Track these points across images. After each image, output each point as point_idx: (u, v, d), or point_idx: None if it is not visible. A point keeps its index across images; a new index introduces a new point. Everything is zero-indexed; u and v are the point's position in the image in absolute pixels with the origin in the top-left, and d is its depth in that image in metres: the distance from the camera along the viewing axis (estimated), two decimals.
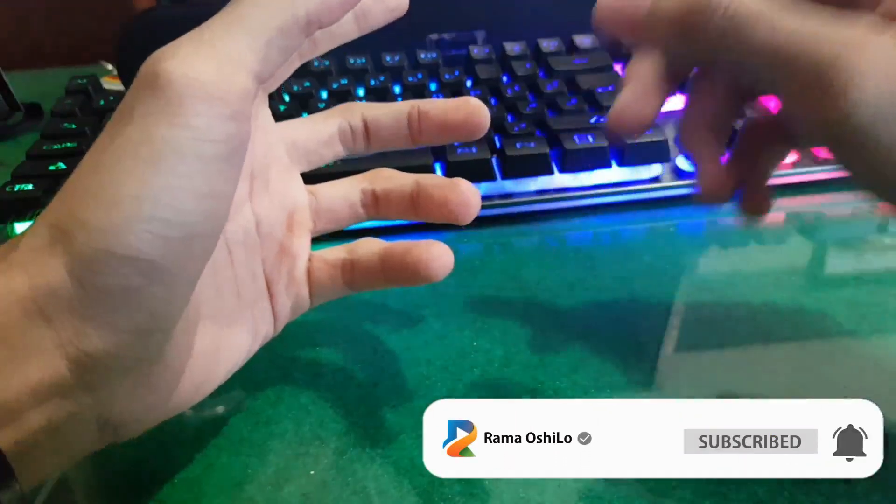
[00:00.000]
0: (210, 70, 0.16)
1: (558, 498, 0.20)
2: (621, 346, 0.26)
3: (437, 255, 0.21)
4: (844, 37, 0.16)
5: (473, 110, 0.23)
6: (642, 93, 0.21)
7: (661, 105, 0.22)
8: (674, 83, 0.22)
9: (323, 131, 0.24)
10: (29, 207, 0.32)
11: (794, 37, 0.17)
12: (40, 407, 0.15)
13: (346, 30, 0.23)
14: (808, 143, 0.18)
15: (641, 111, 0.21)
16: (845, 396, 0.21)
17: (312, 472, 0.21)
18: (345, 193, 0.24)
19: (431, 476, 0.21)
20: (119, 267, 0.15)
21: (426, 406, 0.23)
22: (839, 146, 0.17)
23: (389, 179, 0.24)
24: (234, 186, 0.17)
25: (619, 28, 0.21)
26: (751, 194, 0.23)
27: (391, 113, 0.24)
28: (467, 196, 0.22)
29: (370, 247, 0.23)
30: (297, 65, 0.22)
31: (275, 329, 0.23)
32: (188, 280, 0.17)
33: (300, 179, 0.24)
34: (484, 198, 0.34)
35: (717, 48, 0.19)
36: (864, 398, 0.18)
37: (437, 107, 0.23)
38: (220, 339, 0.21)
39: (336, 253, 0.24)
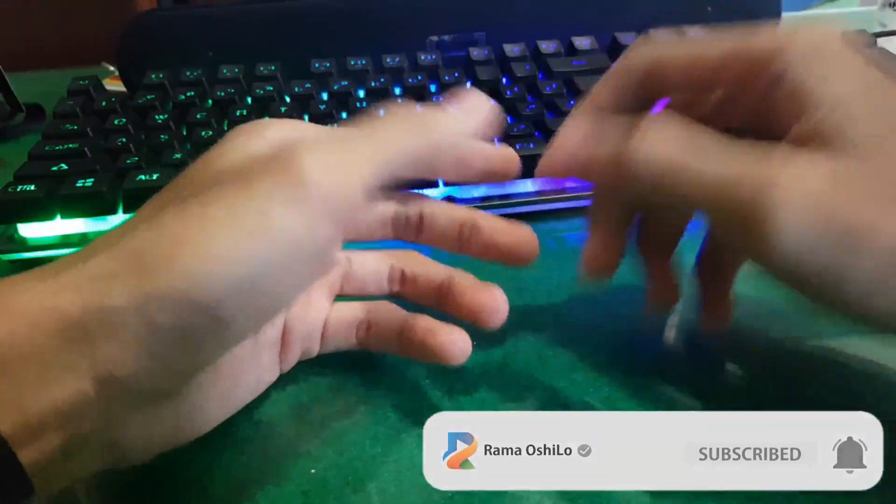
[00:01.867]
0: (343, 183, 0.17)
1: (559, 498, 0.20)
2: (620, 346, 0.26)
3: (461, 348, 0.22)
4: (761, 172, 0.17)
5: (522, 239, 0.23)
6: (605, 240, 0.23)
7: (625, 246, 0.23)
8: (630, 218, 0.23)
9: (381, 211, 0.24)
10: (31, 208, 0.32)
11: (715, 179, 0.18)
12: (60, 427, 0.15)
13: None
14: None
15: (609, 258, 0.23)
16: (844, 396, 0.21)
17: (313, 471, 0.21)
18: (376, 266, 0.25)
19: None
20: (190, 313, 0.15)
21: (426, 405, 0.24)
22: (776, 274, 0.18)
23: (421, 265, 0.24)
24: (316, 280, 0.18)
25: (571, 172, 0.22)
26: (713, 304, 0.24)
27: (448, 214, 0.24)
28: (499, 304, 0.22)
29: (390, 314, 0.24)
30: None
31: (276, 376, 0.24)
32: (240, 338, 0.18)
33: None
34: (484, 198, 0.34)
35: (649, 196, 0.20)
36: (862, 397, 0.18)
37: (489, 225, 0.23)
38: (230, 381, 0.21)
39: (353, 311, 0.24)
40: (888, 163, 0.17)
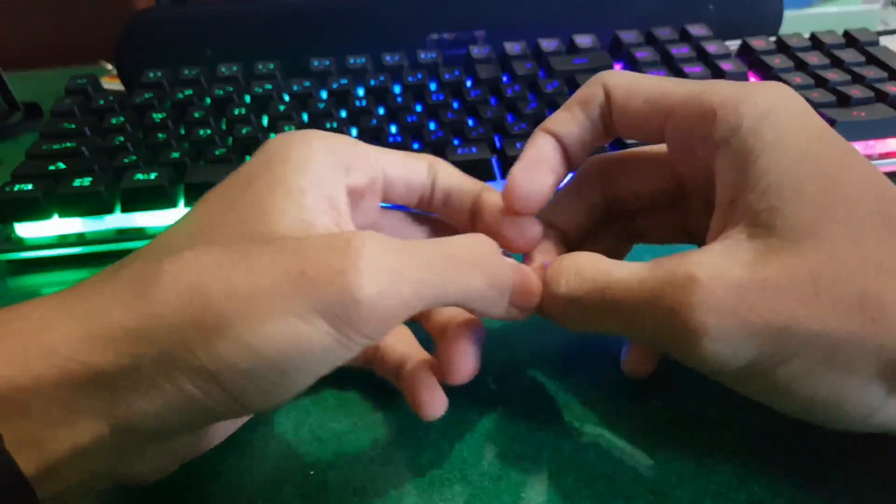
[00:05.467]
0: (394, 307, 0.16)
1: (559, 498, 0.20)
2: (621, 342, 0.25)
3: (434, 409, 0.21)
4: (681, 272, 0.17)
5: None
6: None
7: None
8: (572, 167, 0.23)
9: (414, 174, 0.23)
10: (28, 207, 0.32)
11: (635, 289, 0.18)
12: (76, 465, 0.16)
13: None
14: None
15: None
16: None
17: (312, 473, 0.21)
18: None
19: (431, 476, 0.21)
20: (214, 391, 0.15)
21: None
22: (702, 371, 0.18)
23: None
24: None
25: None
26: (636, 350, 0.23)
27: (462, 188, 0.24)
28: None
29: (398, 343, 0.23)
30: None
31: None
32: (256, 412, 0.18)
33: None
34: None
35: (584, 324, 0.20)
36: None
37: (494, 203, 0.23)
38: None
39: None
40: (814, 253, 0.17)
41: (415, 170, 0.23)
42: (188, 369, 0.15)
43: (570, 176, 0.25)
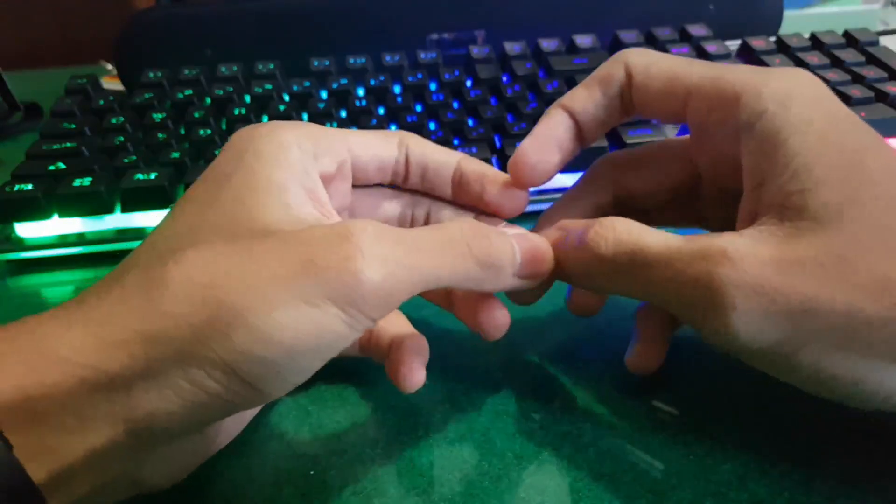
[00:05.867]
0: (396, 290, 0.17)
1: (558, 498, 0.20)
2: (621, 342, 0.26)
3: (412, 383, 0.21)
4: (712, 252, 0.18)
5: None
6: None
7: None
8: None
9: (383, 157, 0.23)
10: (28, 207, 0.32)
11: (668, 258, 0.18)
12: (91, 472, 0.16)
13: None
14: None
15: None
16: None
17: (312, 473, 0.21)
18: None
19: (431, 476, 0.21)
20: (232, 383, 0.16)
21: (424, 407, 0.23)
22: (728, 350, 0.19)
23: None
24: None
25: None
26: (643, 346, 0.23)
27: (440, 161, 0.24)
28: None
29: (390, 326, 0.23)
30: None
31: None
32: (270, 400, 0.18)
33: None
34: None
35: (612, 283, 0.20)
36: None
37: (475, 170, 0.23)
38: None
39: None
40: (841, 235, 0.17)
41: (384, 147, 0.23)
42: (205, 364, 0.15)
43: (579, 174, 0.25)
